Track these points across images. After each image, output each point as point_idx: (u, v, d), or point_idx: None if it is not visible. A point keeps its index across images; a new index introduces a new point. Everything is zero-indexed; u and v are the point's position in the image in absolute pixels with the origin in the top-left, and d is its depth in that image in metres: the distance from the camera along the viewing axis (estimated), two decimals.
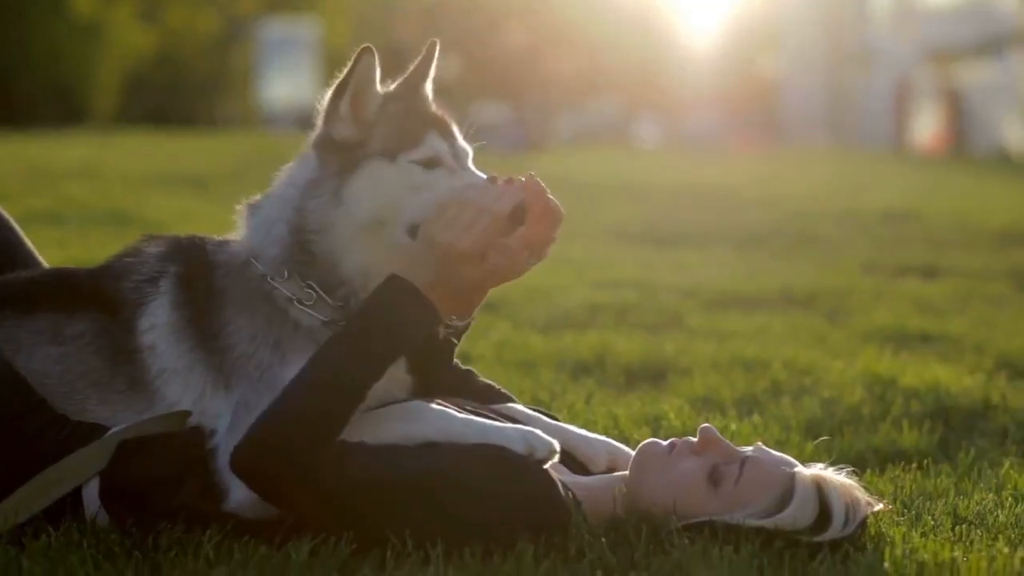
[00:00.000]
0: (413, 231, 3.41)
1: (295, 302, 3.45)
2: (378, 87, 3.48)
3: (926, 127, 50.50)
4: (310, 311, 3.44)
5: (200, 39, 55.96)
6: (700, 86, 58.05)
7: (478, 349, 6.46)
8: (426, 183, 3.41)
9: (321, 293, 3.44)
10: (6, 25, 47.34)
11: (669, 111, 57.72)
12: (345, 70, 3.44)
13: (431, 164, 3.43)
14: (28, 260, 4.04)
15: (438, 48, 3.57)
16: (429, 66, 3.57)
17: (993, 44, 48.31)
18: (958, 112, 48.53)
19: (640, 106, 58.21)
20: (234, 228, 3.60)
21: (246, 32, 55.37)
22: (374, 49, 3.42)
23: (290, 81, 51.08)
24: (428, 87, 3.57)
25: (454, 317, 3.51)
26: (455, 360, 3.81)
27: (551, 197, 3.40)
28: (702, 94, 57.38)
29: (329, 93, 3.47)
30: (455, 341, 3.65)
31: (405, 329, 3.35)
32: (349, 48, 3.45)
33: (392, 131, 3.44)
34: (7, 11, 47.45)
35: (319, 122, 3.48)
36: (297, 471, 3.26)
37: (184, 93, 54.56)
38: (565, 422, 3.96)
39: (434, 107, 3.55)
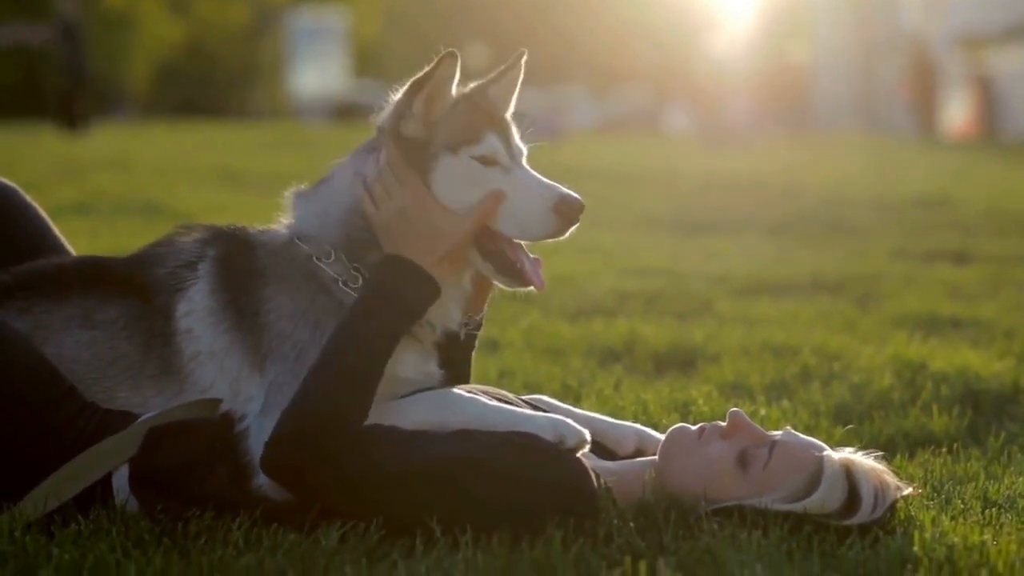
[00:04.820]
0: None
1: (340, 283, 3.49)
2: (453, 90, 3.54)
3: (956, 113, 50.30)
4: (355, 293, 3.46)
5: (230, 30, 56.15)
6: (730, 74, 57.92)
7: (507, 336, 6.47)
8: (483, 179, 3.49)
9: (367, 276, 3.47)
10: (37, 19, 47.53)
11: (699, 99, 57.56)
12: (425, 70, 3.49)
13: (487, 161, 3.50)
14: (57, 250, 4.04)
15: (524, 59, 3.65)
16: (507, 74, 3.64)
17: (1023, 29, 48.06)
18: (988, 98, 48.34)
19: (669, 94, 58.11)
20: (266, 218, 3.63)
21: (275, 22, 55.56)
22: (457, 54, 3.50)
23: (319, 71, 51.24)
24: (507, 94, 3.64)
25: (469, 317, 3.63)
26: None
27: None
28: (732, 82, 57.25)
29: (403, 89, 3.53)
30: (475, 334, 3.74)
31: (408, 302, 3.40)
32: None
33: (456, 128, 3.51)
34: (38, 4, 47.65)
35: (388, 115, 3.54)
36: (325, 460, 3.27)
37: (214, 84, 54.82)
38: (594, 409, 3.97)
39: (502, 110, 3.62)
